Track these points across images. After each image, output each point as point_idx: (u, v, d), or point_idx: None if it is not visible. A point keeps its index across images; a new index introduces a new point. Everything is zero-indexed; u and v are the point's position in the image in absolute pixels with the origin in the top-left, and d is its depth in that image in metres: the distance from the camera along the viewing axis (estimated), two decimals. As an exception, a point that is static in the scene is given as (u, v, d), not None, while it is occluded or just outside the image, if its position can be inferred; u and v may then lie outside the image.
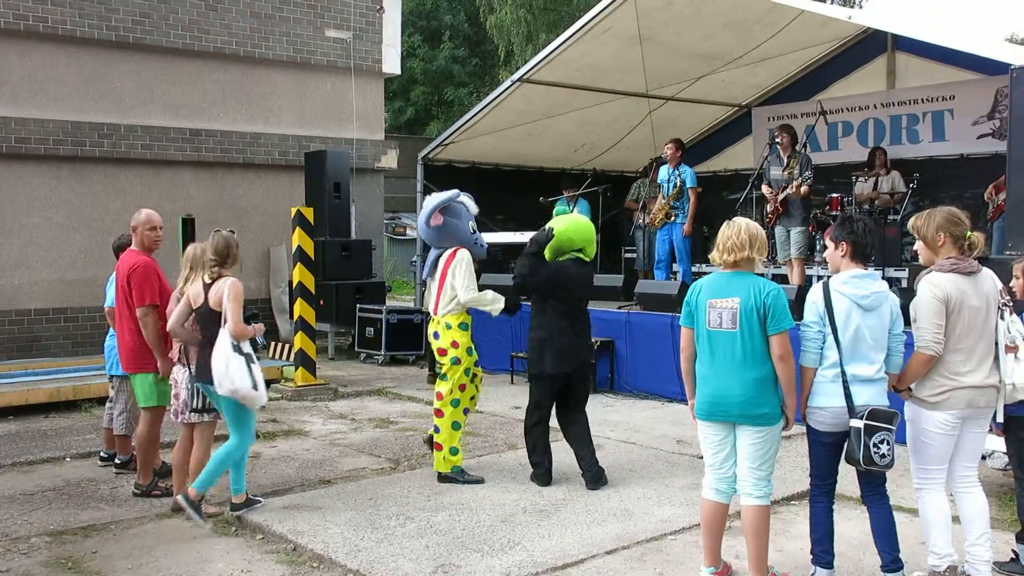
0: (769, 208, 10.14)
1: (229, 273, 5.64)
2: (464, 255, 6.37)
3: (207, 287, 5.58)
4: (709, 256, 4.65)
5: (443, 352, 6.38)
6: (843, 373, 4.37)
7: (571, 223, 6.48)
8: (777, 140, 10.16)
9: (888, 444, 4.26)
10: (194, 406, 5.77)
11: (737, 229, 4.51)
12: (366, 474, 6.77)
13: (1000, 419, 4.52)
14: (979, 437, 4.54)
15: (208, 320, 5.57)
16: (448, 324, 6.35)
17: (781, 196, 9.89)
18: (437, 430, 6.42)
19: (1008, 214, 6.66)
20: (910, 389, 4.52)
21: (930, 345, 4.38)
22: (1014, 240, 6.29)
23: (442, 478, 6.44)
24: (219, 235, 5.70)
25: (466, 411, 6.56)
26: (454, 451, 6.43)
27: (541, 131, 13.10)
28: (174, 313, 5.70)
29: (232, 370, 5.39)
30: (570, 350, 6.32)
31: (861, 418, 4.27)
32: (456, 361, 6.36)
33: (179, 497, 5.64)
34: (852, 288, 4.43)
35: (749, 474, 4.47)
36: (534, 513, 5.75)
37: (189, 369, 5.73)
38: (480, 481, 6.42)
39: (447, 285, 6.36)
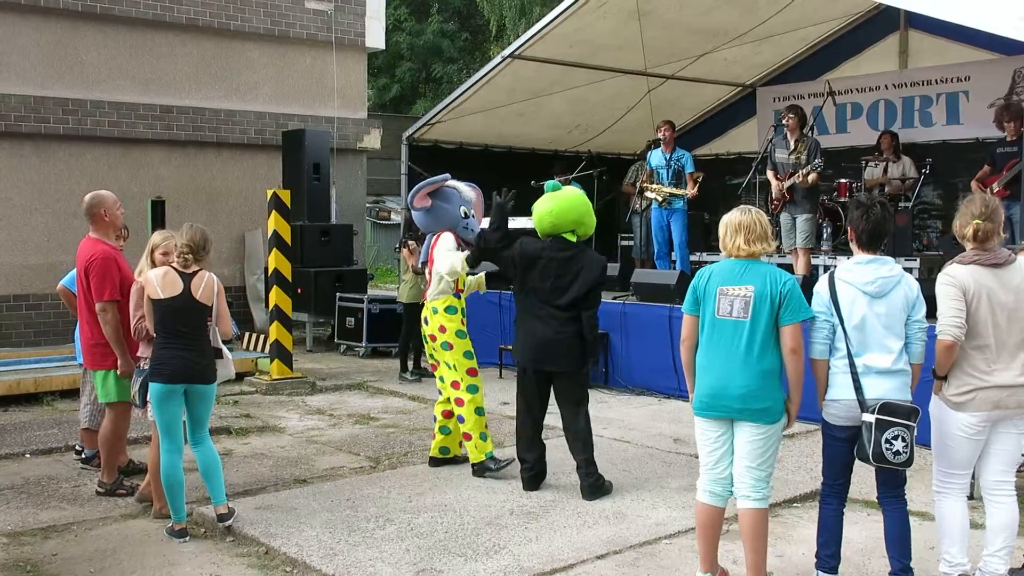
0: (775, 194, 10.11)
1: (202, 267, 5.56)
2: (447, 236, 6.55)
3: (188, 277, 5.41)
4: (722, 244, 4.59)
5: (433, 337, 6.58)
6: (852, 364, 4.37)
7: (553, 206, 6.13)
8: (784, 122, 10.13)
9: (904, 441, 4.24)
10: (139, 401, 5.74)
11: (758, 217, 4.53)
12: (344, 473, 6.75)
13: None
14: (1015, 440, 4.50)
15: (197, 313, 5.46)
16: (435, 308, 6.55)
17: (788, 183, 9.85)
18: (461, 419, 6.52)
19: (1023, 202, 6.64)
20: (943, 380, 4.49)
21: (946, 329, 4.36)
22: (1030, 230, 6.29)
23: (477, 470, 6.49)
24: (197, 227, 5.57)
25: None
26: (484, 437, 6.52)
27: (533, 111, 13.04)
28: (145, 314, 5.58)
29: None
30: (536, 344, 6.10)
31: (873, 412, 4.26)
32: (447, 346, 6.50)
33: (222, 526, 5.49)
34: (855, 275, 4.43)
35: (747, 474, 4.45)
36: (521, 515, 5.73)
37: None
38: (511, 462, 6.48)
39: (435, 270, 6.56)
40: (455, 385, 6.53)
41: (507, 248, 6.24)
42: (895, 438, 4.25)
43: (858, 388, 4.35)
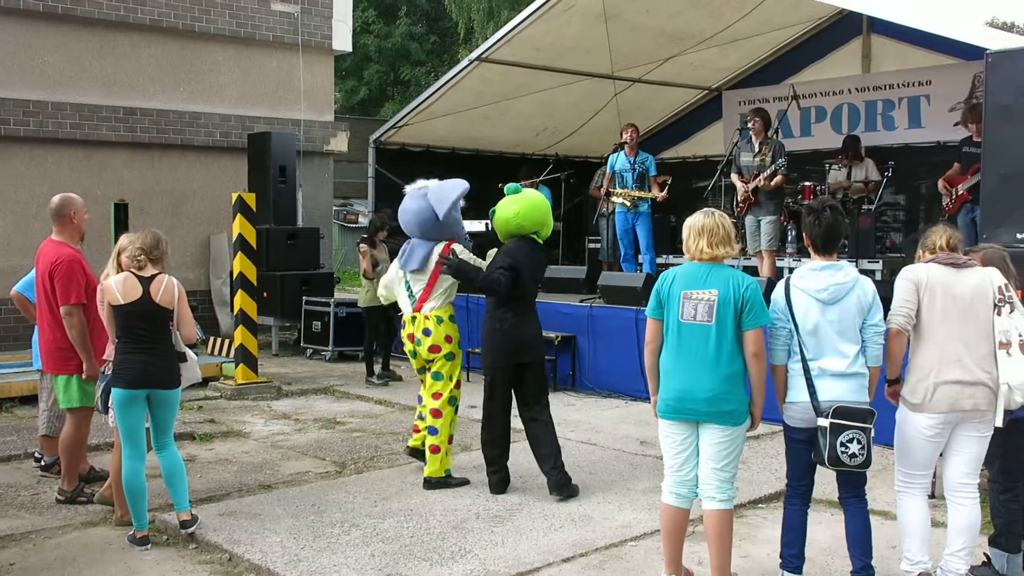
0: (740, 197, 10.18)
1: (159, 270, 5.49)
2: (460, 248, 6.49)
3: (147, 281, 5.35)
4: (685, 247, 4.61)
5: (437, 349, 6.38)
6: (806, 368, 4.42)
7: (519, 207, 6.25)
8: (749, 125, 10.20)
9: (859, 443, 4.29)
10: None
11: (721, 220, 4.56)
12: (309, 478, 6.70)
13: (1000, 423, 4.48)
14: (976, 443, 4.53)
15: (158, 317, 5.39)
16: (440, 318, 6.39)
17: (752, 185, 9.92)
18: (434, 431, 6.36)
19: (982, 204, 6.74)
20: (899, 382, 4.58)
21: (892, 318, 4.50)
22: (989, 231, 6.36)
23: (430, 484, 6.33)
24: (150, 230, 5.56)
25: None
26: (448, 452, 6.45)
27: (500, 114, 13.07)
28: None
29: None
30: (515, 342, 6.20)
31: (827, 416, 4.31)
32: (451, 356, 6.44)
33: (185, 532, 5.42)
34: (809, 282, 4.48)
35: (712, 476, 4.48)
36: (487, 519, 5.72)
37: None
38: (466, 482, 6.41)
39: (441, 281, 6.38)
40: (436, 396, 6.41)
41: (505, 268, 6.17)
42: (850, 441, 4.29)
43: (812, 392, 4.39)
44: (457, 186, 6.49)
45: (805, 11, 12.10)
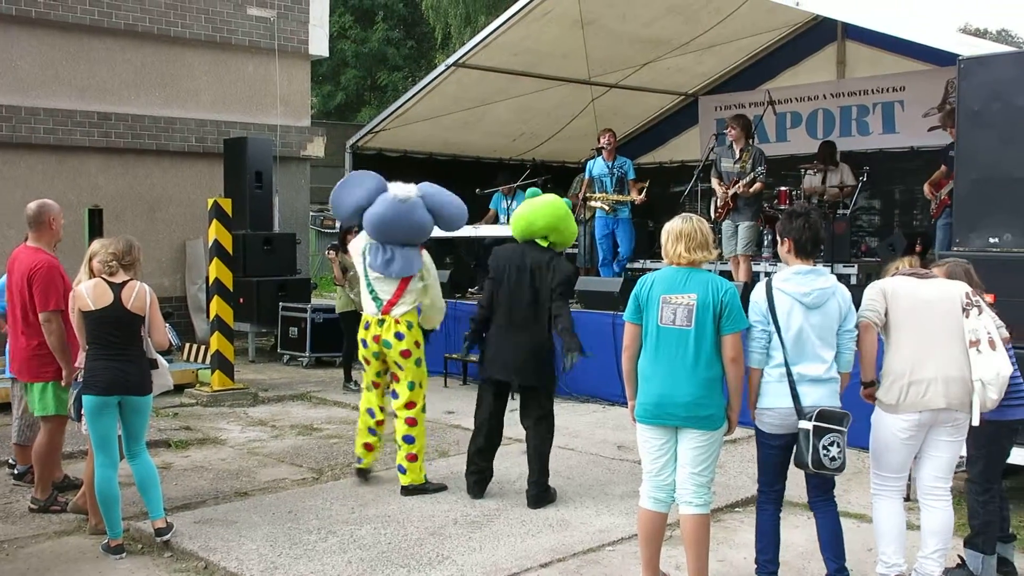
0: (719, 202, 10.22)
1: (131, 276, 5.45)
2: (428, 256, 6.44)
3: (118, 287, 5.32)
4: (664, 252, 4.62)
5: (408, 354, 6.28)
6: (789, 373, 4.43)
7: (528, 211, 6.22)
8: (728, 131, 10.23)
9: (838, 446, 4.33)
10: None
11: (699, 225, 4.57)
12: (286, 485, 6.66)
13: (976, 422, 4.53)
14: (949, 447, 4.58)
15: (129, 323, 5.35)
16: (410, 323, 6.32)
17: (731, 191, 9.96)
18: (411, 440, 6.31)
19: (955, 209, 6.78)
20: (875, 384, 4.63)
21: (862, 314, 4.58)
22: (961, 236, 6.40)
23: (409, 491, 6.29)
24: (123, 236, 5.54)
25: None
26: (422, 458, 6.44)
27: (478, 119, 13.05)
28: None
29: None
30: (504, 356, 6.14)
31: (810, 419, 4.33)
32: (419, 363, 6.37)
33: (160, 540, 5.37)
34: (794, 285, 4.49)
35: (689, 480, 4.49)
36: (465, 525, 5.71)
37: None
38: (443, 488, 6.37)
39: (413, 285, 6.30)
40: (411, 405, 6.33)
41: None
42: (831, 444, 4.32)
43: (795, 396, 4.41)
44: (462, 209, 6.55)
45: (781, 17, 12.16)
